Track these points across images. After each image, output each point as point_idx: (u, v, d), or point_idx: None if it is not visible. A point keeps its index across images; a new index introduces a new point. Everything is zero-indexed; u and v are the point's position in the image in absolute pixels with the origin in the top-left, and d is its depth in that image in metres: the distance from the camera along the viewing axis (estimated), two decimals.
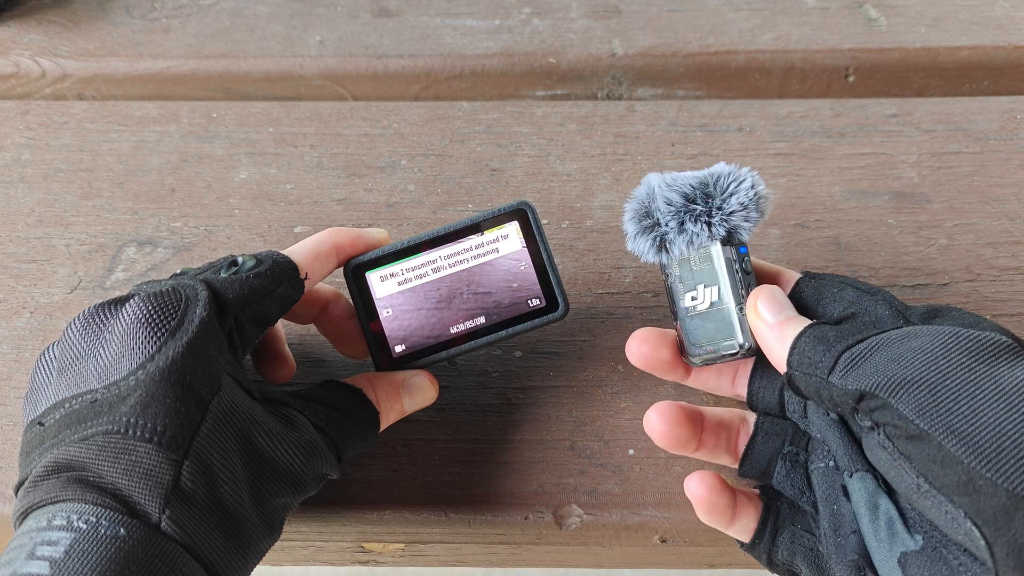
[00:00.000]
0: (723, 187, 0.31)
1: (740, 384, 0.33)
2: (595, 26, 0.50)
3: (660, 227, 0.32)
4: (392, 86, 0.48)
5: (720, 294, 0.32)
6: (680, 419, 0.31)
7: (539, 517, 0.33)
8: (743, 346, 0.31)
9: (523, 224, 0.33)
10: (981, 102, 0.45)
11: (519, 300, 0.33)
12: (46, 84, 0.49)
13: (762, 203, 0.31)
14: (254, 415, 0.28)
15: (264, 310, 0.30)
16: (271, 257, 0.31)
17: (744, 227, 0.31)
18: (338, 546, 0.35)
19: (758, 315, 0.30)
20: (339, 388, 0.32)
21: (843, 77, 0.48)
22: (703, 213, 0.31)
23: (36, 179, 0.43)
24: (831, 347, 0.28)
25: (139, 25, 0.50)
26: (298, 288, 0.31)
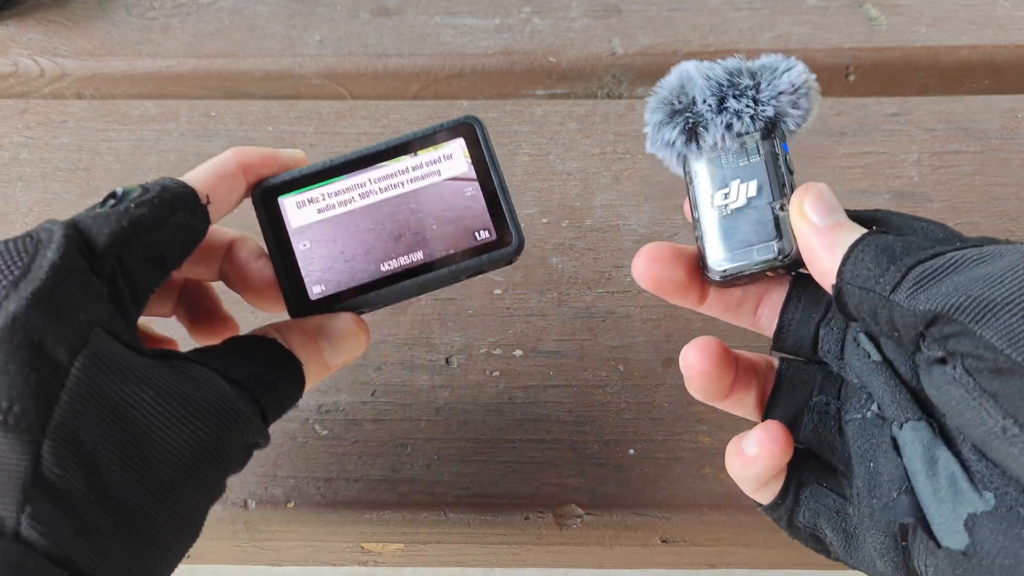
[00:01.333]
0: (772, 68, 0.27)
1: (765, 315, 0.28)
2: (595, 25, 0.49)
3: (695, 107, 0.27)
4: (392, 85, 0.48)
5: (760, 189, 0.27)
6: (722, 358, 0.27)
7: (539, 517, 0.33)
8: (783, 252, 0.26)
9: (470, 141, 0.28)
10: (982, 101, 0.45)
11: (464, 232, 0.28)
12: (45, 83, 0.49)
13: (812, 95, 0.27)
14: (141, 374, 0.22)
15: (159, 246, 0.25)
16: (160, 183, 0.25)
17: (792, 115, 0.27)
18: (337, 546, 0.35)
19: (804, 216, 0.25)
20: (246, 341, 0.27)
21: (843, 76, 0.48)
22: (750, 88, 0.27)
23: (34, 178, 0.43)
24: (897, 259, 0.23)
25: (138, 24, 0.50)
26: (200, 216, 0.26)
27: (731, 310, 0.29)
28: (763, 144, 0.27)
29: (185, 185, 0.26)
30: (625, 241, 0.40)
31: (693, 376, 0.27)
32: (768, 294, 0.28)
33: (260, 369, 0.25)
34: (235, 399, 0.24)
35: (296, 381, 0.27)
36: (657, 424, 0.34)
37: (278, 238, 0.28)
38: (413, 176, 0.28)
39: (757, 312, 0.28)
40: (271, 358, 0.26)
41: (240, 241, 0.29)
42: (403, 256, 0.28)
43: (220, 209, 0.27)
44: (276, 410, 0.26)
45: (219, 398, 0.23)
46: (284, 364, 0.26)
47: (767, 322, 0.28)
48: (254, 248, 0.29)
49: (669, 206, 0.41)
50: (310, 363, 0.27)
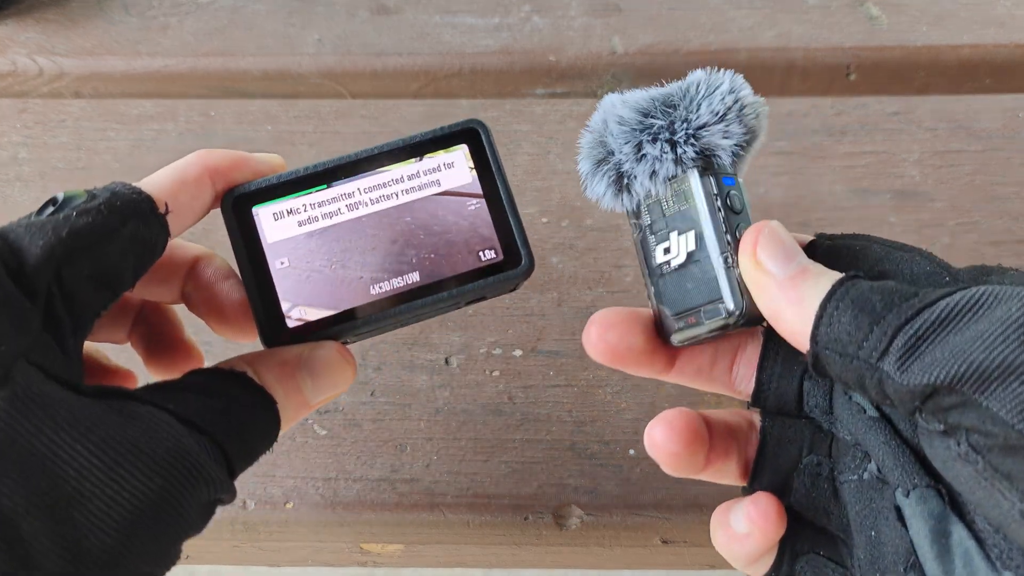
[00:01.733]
0: (691, 95, 0.23)
1: (742, 374, 0.25)
2: (595, 24, 0.49)
3: (614, 156, 0.24)
4: (391, 84, 0.48)
5: (698, 240, 0.23)
6: (693, 435, 0.24)
7: (539, 518, 0.32)
8: (733, 312, 0.23)
9: (474, 149, 0.25)
10: (983, 100, 0.45)
11: (467, 252, 0.24)
12: (43, 83, 0.49)
13: (747, 114, 0.23)
14: (75, 419, 0.18)
15: (107, 263, 0.21)
16: (110, 188, 0.22)
17: (722, 147, 0.23)
18: (336, 547, 0.35)
19: (759, 267, 0.22)
20: (210, 375, 0.22)
21: (844, 75, 0.48)
22: (662, 129, 0.23)
23: (33, 178, 0.43)
24: (879, 317, 0.20)
25: (136, 23, 0.50)
26: (156, 227, 0.22)
27: (704, 373, 0.25)
28: (702, 183, 0.23)
29: (140, 191, 0.22)
30: (625, 240, 0.40)
31: (660, 458, 0.24)
32: (743, 349, 0.25)
33: (226, 410, 0.21)
34: (193, 448, 0.20)
35: (270, 423, 0.23)
36: None
37: (251, 255, 0.24)
38: (409, 186, 0.25)
39: (732, 372, 0.25)
40: (240, 396, 0.22)
41: (205, 258, 0.25)
42: (396, 278, 0.24)
43: (182, 220, 0.23)
44: (245, 459, 0.22)
45: (173, 448, 0.19)
46: (256, 403, 0.22)
47: (745, 382, 0.25)
48: (222, 267, 0.25)
49: None
50: (287, 401, 0.23)
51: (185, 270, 0.25)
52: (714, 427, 0.25)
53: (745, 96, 0.23)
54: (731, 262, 0.23)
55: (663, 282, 0.24)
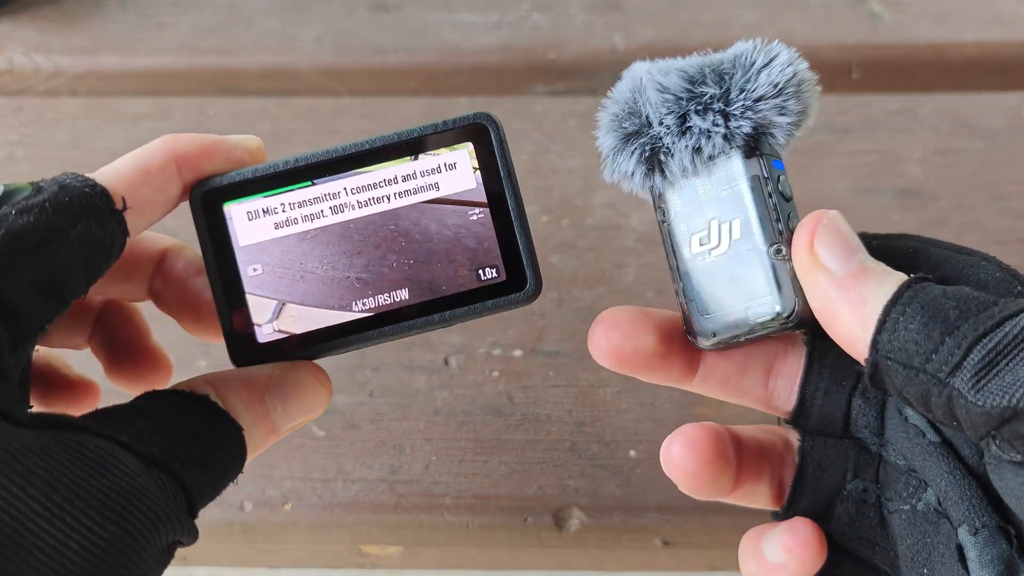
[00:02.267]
0: (746, 64, 0.20)
1: (779, 387, 0.22)
2: (596, 21, 0.49)
3: (651, 129, 0.21)
4: (390, 81, 0.48)
5: (744, 228, 0.20)
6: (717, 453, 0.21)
7: (539, 519, 0.32)
8: (785, 312, 0.20)
9: (481, 149, 0.22)
10: (987, 99, 0.45)
11: (465, 268, 0.22)
12: (40, 81, 0.49)
13: (804, 91, 0.21)
14: (13, 456, 0.16)
15: (53, 268, 0.18)
16: (58, 181, 0.19)
17: (780, 124, 0.20)
18: (335, 548, 0.35)
19: (816, 262, 0.19)
20: (170, 398, 0.20)
21: (847, 73, 0.48)
22: (716, 99, 0.20)
23: (29, 176, 0.42)
24: (952, 327, 0.18)
25: (134, 21, 0.50)
26: (112, 225, 0.19)
27: (731, 383, 0.22)
28: (747, 166, 0.20)
29: (93, 184, 0.19)
30: (626, 240, 0.40)
31: (678, 478, 0.22)
32: (781, 359, 0.22)
33: (186, 440, 0.19)
34: (150, 487, 0.17)
35: (235, 454, 0.20)
36: (659, 425, 0.34)
37: (220, 258, 0.21)
38: (403, 188, 0.22)
39: (768, 384, 0.22)
40: (202, 423, 0.19)
41: (175, 251, 0.23)
42: (383, 294, 0.22)
43: (145, 216, 0.20)
44: (207, 494, 0.20)
45: (128, 488, 0.17)
46: (219, 431, 0.20)
47: (783, 397, 0.22)
48: (193, 260, 0.23)
49: None
50: (255, 428, 0.21)
51: (152, 265, 0.23)
52: (745, 446, 0.22)
53: (803, 71, 0.21)
54: (783, 254, 0.20)
55: (697, 276, 0.21)
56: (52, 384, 0.24)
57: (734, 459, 0.22)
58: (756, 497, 0.22)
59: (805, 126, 0.21)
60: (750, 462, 0.22)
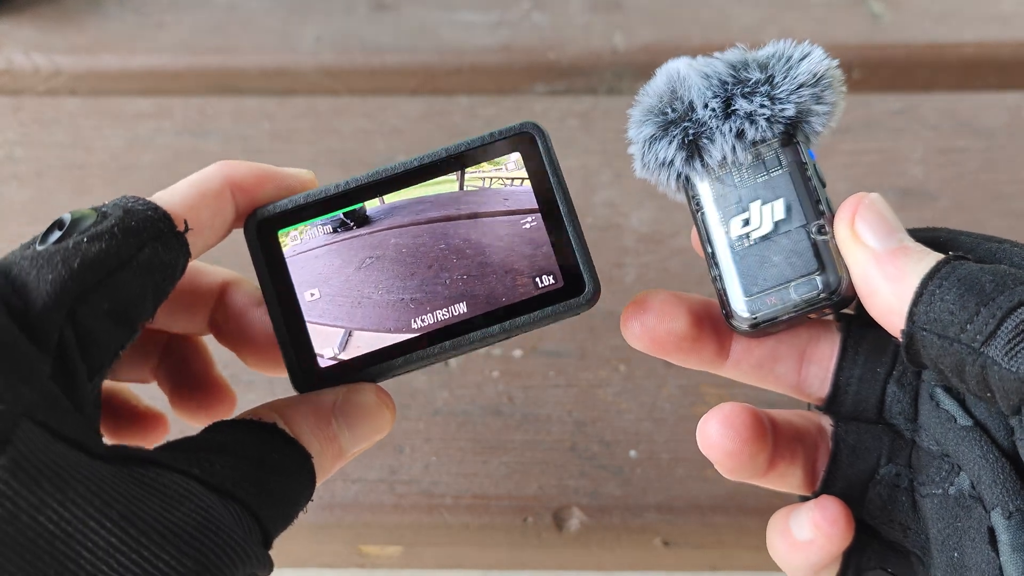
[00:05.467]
0: (785, 56, 0.22)
1: (812, 373, 0.22)
2: (596, 20, 0.49)
3: (695, 113, 0.22)
4: (389, 81, 0.48)
5: (788, 208, 0.21)
6: (754, 432, 0.21)
7: (539, 519, 0.32)
8: (830, 286, 0.21)
9: (529, 157, 0.22)
10: (987, 98, 0.45)
11: (523, 277, 0.21)
12: (40, 80, 0.48)
13: (836, 85, 0.22)
14: (88, 490, 0.16)
15: (124, 294, 0.18)
16: (121, 206, 0.19)
17: (818, 113, 0.21)
18: (335, 549, 0.34)
19: (857, 239, 0.20)
20: (239, 428, 0.20)
21: (847, 73, 0.48)
22: (761, 83, 0.21)
23: (29, 176, 0.43)
24: (988, 299, 0.18)
25: (133, 20, 0.50)
26: (175, 247, 0.19)
27: (763, 368, 0.22)
28: (784, 153, 0.22)
29: (155, 207, 0.19)
30: (626, 240, 0.40)
31: (716, 457, 0.22)
32: (814, 345, 0.22)
33: (256, 471, 0.18)
34: (226, 520, 0.17)
35: (305, 481, 0.20)
36: (659, 425, 0.34)
37: (278, 285, 0.21)
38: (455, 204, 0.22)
39: (801, 370, 0.22)
40: (271, 453, 0.19)
41: (234, 284, 0.23)
42: (441, 309, 0.21)
43: (203, 239, 0.21)
44: (280, 525, 0.20)
45: (204, 522, 0.17)
46: (289, 459, 0.20)
47: (816, 383, 0.22)
48: (252, 292, 0.23)
49: (671, 204, 0.41)
50: (323, 454, 0.21)
51: (213, 297, 0.23)
52: (780, 428, 0.22)
53: (834, 68, 0.22)
54: (827, 231, 0.21)
55: (739, 258, 0.22)
56: (122, 416, 0.24)
57: (771, 438, 0.22)
58: (789, 480, 0.22)
59: (832, 124, 0.22)
60: (784, 443, 0.22)
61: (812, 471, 0.22)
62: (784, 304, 0.21)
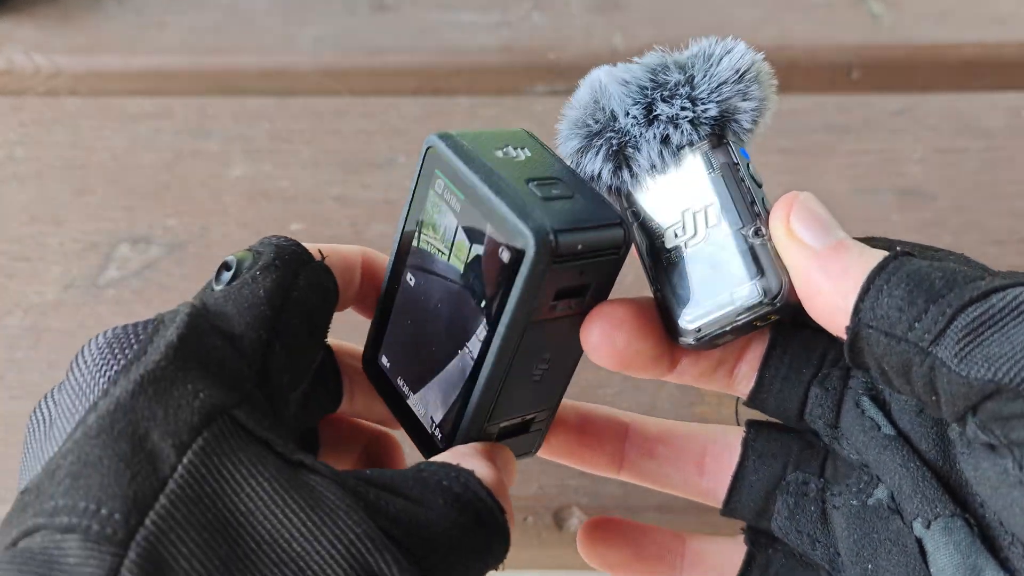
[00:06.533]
0: (705, 54, 0.20)
1: (743, 372, 0.22)
2: (596, 21, 0.49)
3: (617, 123, 0.20)
4: (389, 81, 0.48)
5: (720, 213, 0.20)
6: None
7: (539, 519, 0.32)
8: (770, 291, 0.19)
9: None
10: (987, 98, 0.45)
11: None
12: (40, 81, 0.48)
13: (763, 80, 0.20)
14: (270, 477, 0.17)
15: (301, 312, 0.20)
16: (269, 242, 0.21)
17: (744, 108, 0.20)
18: None
19: (794, 237, 0.19)
20: (431, 474, 0.20)
21: (846, 73, 0.48)
22: (681, 85, 0.20)
23: (29, 176, 0.43)
24: (938, 295, 0.17)
25: (133, 20, 0.50)
26: (322, 272, 0.21)
27: (707, 375, 0.22)
28: (715, 155, 0.20)
29: (295, 241, 0.21)
30: None
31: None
32: (750, 348, 0.22)
33: (430, 520, 0.18)
34: (379, 560, 0.17)
35: (496, 546, 0.20)
36: None
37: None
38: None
39: (734, 372, 0.22)
40: (454, 507, 0.19)
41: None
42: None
43: (341, 272, 0.22)
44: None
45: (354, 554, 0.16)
46: (473, 519, 0.20)
47: (745, 381, 0.22)
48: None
49: None
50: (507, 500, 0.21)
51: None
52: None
53: (760, 61, 0.21)
54: (763, 234, 0.20)
55: (676, 270, 0.20)
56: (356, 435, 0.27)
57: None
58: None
59: (764, 121, 0.21)
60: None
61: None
62: (726, 316, 0.20)
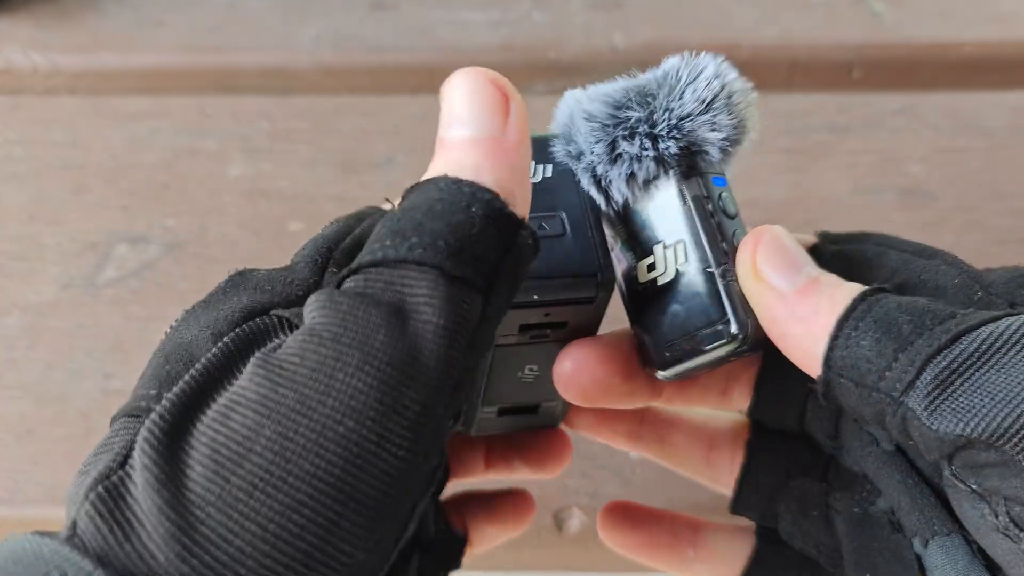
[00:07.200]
0: (671, 83, 0.20)
1: (737, 392, 0.22)
2: (597, 19, 0.49)
3: (585, 158, 0.20)
4: (389, 80, 0.48)
5: (690, 251, 0.19)
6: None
7: (539, 519, 0.32)
8: (736, 336, 0.19)
9: None
10: (989, 97, 0.45)
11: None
12: (38, 80, 0.48)
13: (736, 103, 0.20)
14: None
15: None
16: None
17: (710, 141, 0.19)
18: None
19: (761, 280, 0.18)
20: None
21: (848, 72, 0.48)
22: (640, 122, 0.19)
23: (27, 176, 0.43)
24: (906, 342, 0.17)
25: (131, 18, 0.50)
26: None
27: (697, 399, 0.22)
28: (685, 186, 0.19)
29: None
30: None
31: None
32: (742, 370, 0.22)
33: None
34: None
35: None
36: None
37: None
38: None
39: (727, 392, 0.22)
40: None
41: None
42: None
43: None
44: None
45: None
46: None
47: (740, 398, 0.22)
48: None
49: None
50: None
51: None
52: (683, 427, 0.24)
53: (732, 81, 0.20)
54: (730, 275, 0.19)
55: (648, 305, 0.20)
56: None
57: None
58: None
59: (747, 139, 0.20)
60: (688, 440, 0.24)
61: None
62: (696, 355, 0.19)
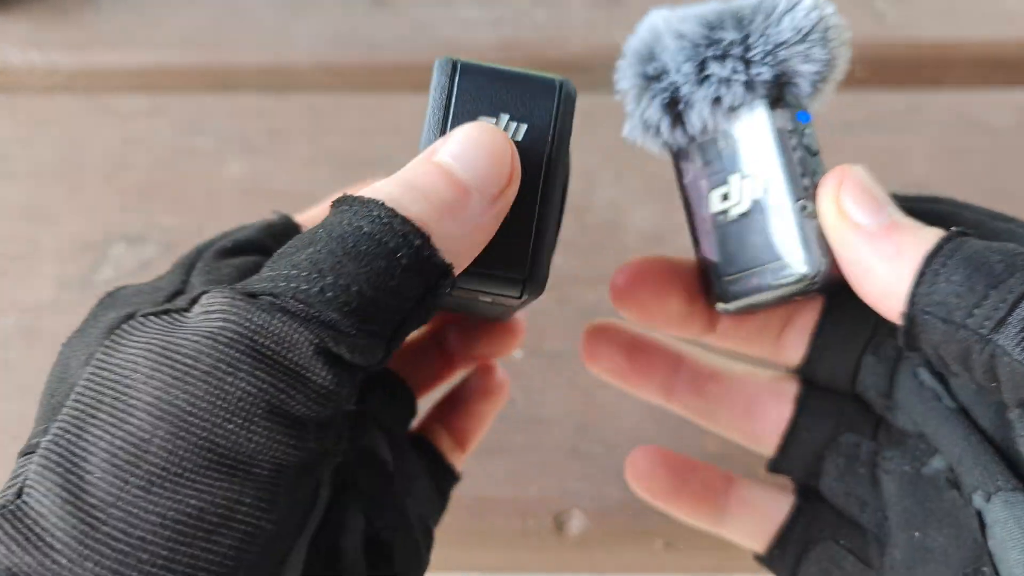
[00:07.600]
0: (767, 9, 0.19)
1: (791, 340, 0.22)
2: (597, 16, 0.49)
3: (669, 77, 0.20)
4: (388, 78, 0.48)
5: (768, 184, 0.19)
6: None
7: (540, 522, 0.32)
8: (810, 274, 0.18)
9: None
10: (994, 96, 0.44)
11: None
12: (35, 78, 0.48)
13: (831, 39, 0.19)
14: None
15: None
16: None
17: (804, 72, 0.19)
18: None
19: (844, 217, 0.18)
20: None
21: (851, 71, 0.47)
22: (736, 45, 0.19)
23: (23, 174, 0.43)
24: (999, 280, 0.16)
25: (128, 16, 0.49)
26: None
27: (751, 339, 0.22)
28: (770, 117, 0.19)
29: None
30: (629, 239, 0.39)
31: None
32: (799, 313, 0.21)
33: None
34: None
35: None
36: (661, 427, 0.34)
37: None
38: None
39: (781, 339, 0.22)
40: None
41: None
42: None
43: None
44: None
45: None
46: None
47: (793, 349, 0.22)
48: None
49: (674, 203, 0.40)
50: None
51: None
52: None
53: (830, 16, 0.19)
54: (810, 211, 0.19)
55: (717, 235, 0.20)
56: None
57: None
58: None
59: (833, 78, 0.20)
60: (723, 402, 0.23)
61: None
62: (762, 290, 0.19)
